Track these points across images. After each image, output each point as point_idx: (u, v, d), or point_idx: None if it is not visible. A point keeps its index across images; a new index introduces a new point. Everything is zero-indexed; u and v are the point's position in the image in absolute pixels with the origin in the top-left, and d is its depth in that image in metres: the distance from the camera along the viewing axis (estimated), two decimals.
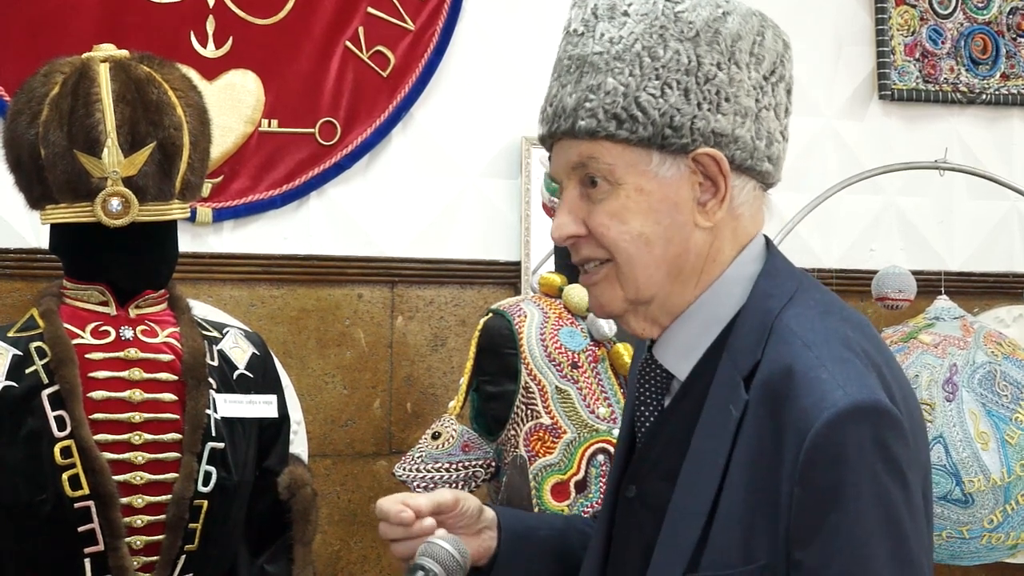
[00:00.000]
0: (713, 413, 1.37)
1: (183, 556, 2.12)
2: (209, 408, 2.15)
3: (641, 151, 1.39)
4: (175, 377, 2.15)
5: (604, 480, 2.49)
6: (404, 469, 2.61)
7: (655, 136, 1.38)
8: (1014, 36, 4.28)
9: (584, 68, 1.41)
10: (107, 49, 2.18)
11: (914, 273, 3.54)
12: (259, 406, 2.25)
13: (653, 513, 1.41)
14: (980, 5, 4.24)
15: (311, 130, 3.59)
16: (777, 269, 1.44)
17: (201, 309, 2.63)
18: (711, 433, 1.36)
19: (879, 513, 1.26)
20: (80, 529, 2.06)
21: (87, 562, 2.07)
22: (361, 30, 3.63)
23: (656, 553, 1.37)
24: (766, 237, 1.48)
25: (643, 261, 1.40)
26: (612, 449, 2.49)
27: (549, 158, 1.49)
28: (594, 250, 1.43)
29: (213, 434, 2.15)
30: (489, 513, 1.60)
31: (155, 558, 2.10)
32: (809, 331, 1.36)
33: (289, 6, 3.58)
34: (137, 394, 2.12)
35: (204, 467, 2.13)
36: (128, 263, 2.16)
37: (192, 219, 3.45)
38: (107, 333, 2.14)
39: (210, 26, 3.52)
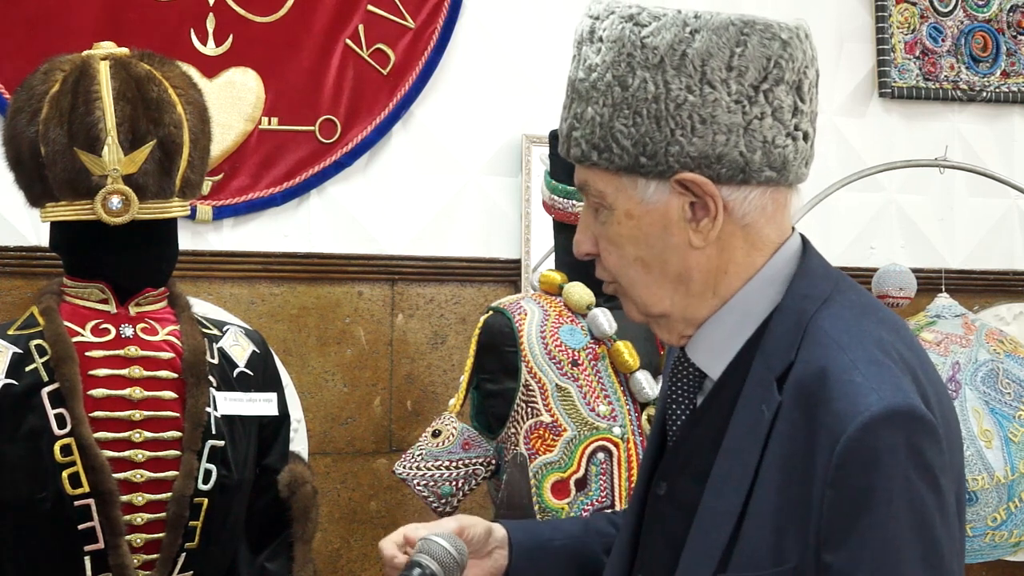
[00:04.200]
0: (745, 413, 1.37)
1: (183, 554, 2.12)
2: (209, 406, 2.15)
3: (626, 177, 1.39)
4: (175, 375, 2.15)
5: (604, 478, 2.49)
6: (404, 467, 2.61)
7: (633, 165, 1.38)
8: (1014, 34, 4.27)
9: (572, 94, 1.43)
10: (107, 47, 2.18)
11: (914, 271, 3.54)
12: (259, 404, 2.25)
13: (683, 511, 1.41)
14: (980, 3, 4.24)
15: (311, 128, 3.58)
16: (812, 269, 1.43)
17: (201, 307, 2.63)
18: (743, 433, 1.36)
19: (911, 518, 1.26)
20: (80, 527, 2.06)
21: (87, 560, 2.07)
22: (361, 28, 3.63)
23: (685, 552, 1.37)
24: (803, 236, 1.46)
25: (643, 282, 1.42)
26: (612, 447, 2.49)
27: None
28: (604, 272, 1.46)
29: (213, 432, 2.15)
30: (499, 532, 1.60)
31: (155, 556, 2.10)
32: (844, 333, 1.35)
33: (289, 4, 3.57)
34: (137, 392, 2.11)
35: (204, 465, 2.13)
36: (128, 261, 2.16)
37: (192, 217, 3.45)
38: (107, 331, 2.14)
39: (210, 24, 3.51)
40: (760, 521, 1.32)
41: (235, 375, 2.23)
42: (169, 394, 2.14)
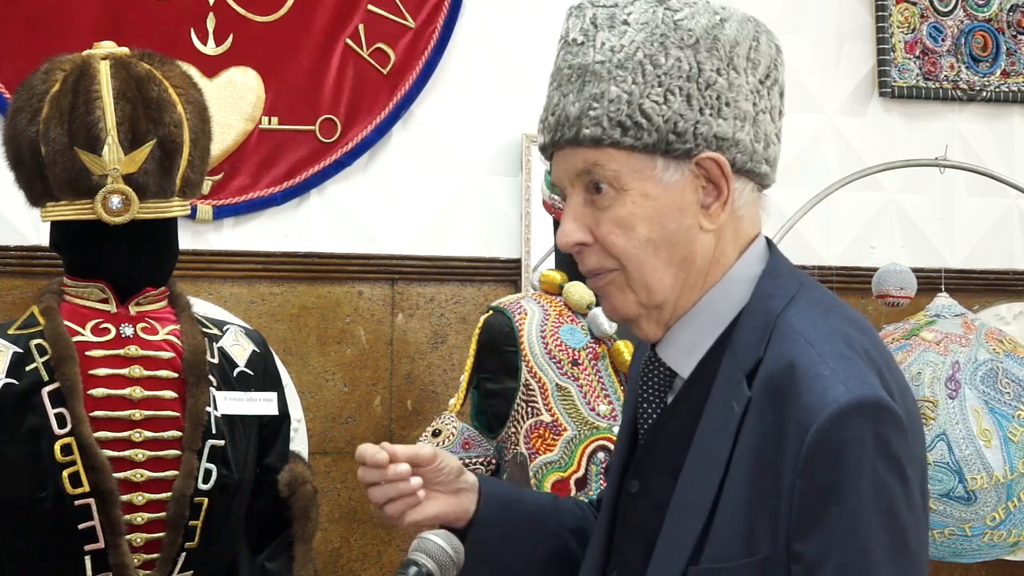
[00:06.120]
0: (716, 410, 1.39)
1: (183, 553, 2.12)
2: (209, 405, 2.15)
3: (646, 157, 1.41)
4: (175, 374, 2.15)
5: (604, 477, 2.49)
6: None
7: (660, 142, 1.40)
8: (1014, 33, 4.28)
9: (586, 77, 1.43)
10: (107, 46, 2.18)
11: (914, 270, 3.54)
12: (259, 403, 2.25)
13: (656, 508, 1.43)
14: (980, 3, 4.24)
15: (311, 127, 3.59)
16: (779, 270, 1.47)
17: (201, 306, 2.62)
18: (714, 429, 1.39)
19: (878, 506, 1.29)
20: (80, 526, 2.05)
21: (87, 559, 2.07)
22: (361, 27, 3.63)
23: (659, 546, 1.40)
24: (767, 239, 1.50)
25: (652, 266, 1.42)
26: (612, 447, 2.49)
27: (549, 166, 1.51)
28: (602, 260, 1.45)
29: (213, 431, 2.15)
30: (470, 477, 1.63)
31: (155, 555, 2.10)
32: (811, 329, 1.38)
33: (289, 4, 3.58)
34: (137, 391, 2.11)
35: (204, 464, 2.12)
36: (128, 260, 2.16)
37: (192, 216, 3.45)
38: (107, 330, 2.14)
39: (210, 23, 3.52)
40: (731, 513, 1.34)
41: (235, 375, 2.23)
42: (169, 393, 2.14)
